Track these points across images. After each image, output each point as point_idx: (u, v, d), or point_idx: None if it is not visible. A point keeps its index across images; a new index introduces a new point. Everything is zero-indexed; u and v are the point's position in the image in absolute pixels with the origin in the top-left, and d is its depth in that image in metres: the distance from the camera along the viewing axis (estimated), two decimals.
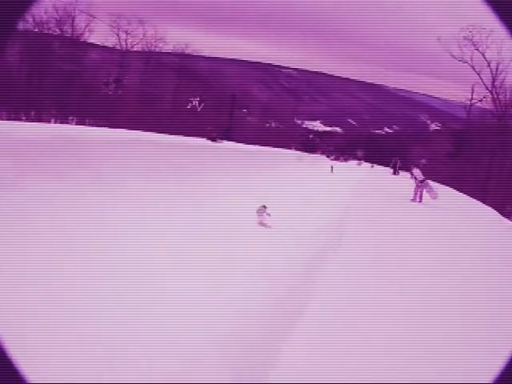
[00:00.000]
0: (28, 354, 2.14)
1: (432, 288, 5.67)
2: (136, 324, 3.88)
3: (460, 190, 26.16)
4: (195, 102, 34.24)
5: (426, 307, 4.89)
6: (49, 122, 38.04)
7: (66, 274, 4.37)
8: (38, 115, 42.50)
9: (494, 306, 5.11)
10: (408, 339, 3.90)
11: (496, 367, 1.81)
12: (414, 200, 15.94)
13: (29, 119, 39.41)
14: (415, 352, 3.68)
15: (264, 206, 9.82)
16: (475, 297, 5.20)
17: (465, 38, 39.29)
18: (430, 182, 16.72)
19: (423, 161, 33.09)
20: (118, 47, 52.64)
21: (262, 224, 9.71)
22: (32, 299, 3.65)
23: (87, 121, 42.79)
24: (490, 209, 18.96)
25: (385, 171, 37.57)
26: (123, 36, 52.17)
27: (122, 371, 3.12)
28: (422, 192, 16.08)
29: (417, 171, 16.47)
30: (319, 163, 33.32)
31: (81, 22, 47.65)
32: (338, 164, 37.94)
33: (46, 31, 45.91)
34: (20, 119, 37.67)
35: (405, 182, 19.92)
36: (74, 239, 5.46)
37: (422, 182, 16.12)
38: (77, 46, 47.84)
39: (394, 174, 34.53)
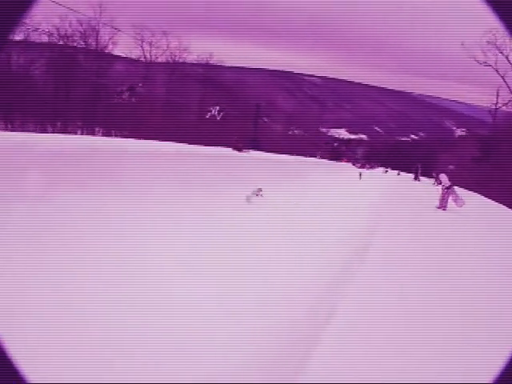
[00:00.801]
0: (28, 353, 2.12)
1: (440, 289, 5.67)
2: (137, 328, 3.88)
3: (488, 196, 25.71)
4: (214, 111, 34.24)
5: (427, 307, 4.91)
6: (75, 133, 38.59)
7: (76, 279, 4.39)
8: (64, 127, 43.19)
9: (494, 306, 5.08)
10: (409, 339, 3.87)
11: (496, 367, 1.77)
12: (439, 207, 15.66)
13: (55, 131, 40.08)
14: (415, 352, 3.65)
15: (260, 189, 10.37)
16: (478, 297, 5.17)
17: (488, 42, 38.94)
18: (456, 189, 16.40)
19: (451, 167, 32.76)
20: (142, 59, 53.46)
21: (247, 201, 10.13)
22: (35, 300, 3.67)
23: (113, 132, 43.34)
24: None
25: (409, 178, 37.44)
26: (147, 47, 53.01)
27: (122, 371, 3.10)
28: (447, 199, 15.80)
29: (443, 177, 16.14)
30: (346, 171, 33.38)
31: (105, 34, 48.59)
32: (364, 171, 37.99)
33: (71, 44, 46.78)
34: (46, 131, 38.32)
35: (427, 188, 19.77)
36: (90, 246, 5.50)
37: (448, 188, 15.82)
38: (102, 58, 48.63)
39: (416, 179, 34.41)
